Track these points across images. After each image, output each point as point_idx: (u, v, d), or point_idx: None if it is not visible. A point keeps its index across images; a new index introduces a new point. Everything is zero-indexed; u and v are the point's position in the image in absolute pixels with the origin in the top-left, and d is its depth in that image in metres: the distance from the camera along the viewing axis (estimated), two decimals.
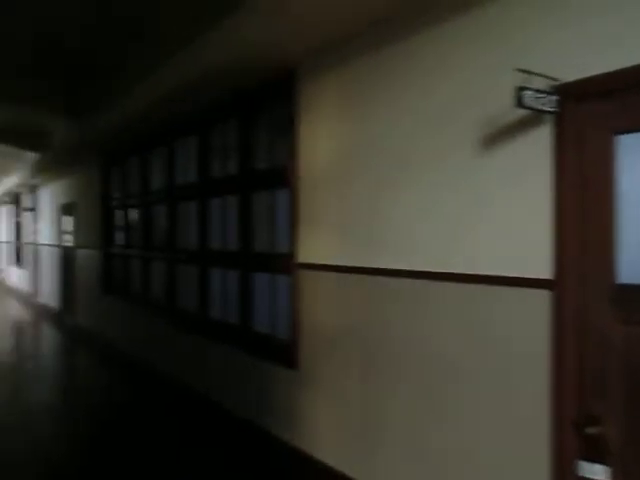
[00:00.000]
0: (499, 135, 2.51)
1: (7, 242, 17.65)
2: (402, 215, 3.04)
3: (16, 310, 13.02)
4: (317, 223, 3.74)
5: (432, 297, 2.86)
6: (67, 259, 10.31)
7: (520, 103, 2.21)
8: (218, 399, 4.94)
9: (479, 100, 2.61)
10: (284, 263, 4.07)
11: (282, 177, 4.10)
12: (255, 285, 4.64)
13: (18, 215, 15.74)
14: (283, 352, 4.07)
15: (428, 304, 2.88)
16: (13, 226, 16.36)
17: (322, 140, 3.69)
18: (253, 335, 4.60)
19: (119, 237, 7.95)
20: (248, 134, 4.62)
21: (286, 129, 4.04)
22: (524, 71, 2.26)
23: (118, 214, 7.93)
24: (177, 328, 5.80)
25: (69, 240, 10.21)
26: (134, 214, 7.31)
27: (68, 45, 4.82)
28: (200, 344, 5.30)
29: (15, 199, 15.74)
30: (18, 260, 15.62)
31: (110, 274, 8.15)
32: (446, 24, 2.78)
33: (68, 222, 10.27)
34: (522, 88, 2.21)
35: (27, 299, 13.70)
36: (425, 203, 2.90)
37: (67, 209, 10.32)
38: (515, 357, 2.45)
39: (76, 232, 9.74)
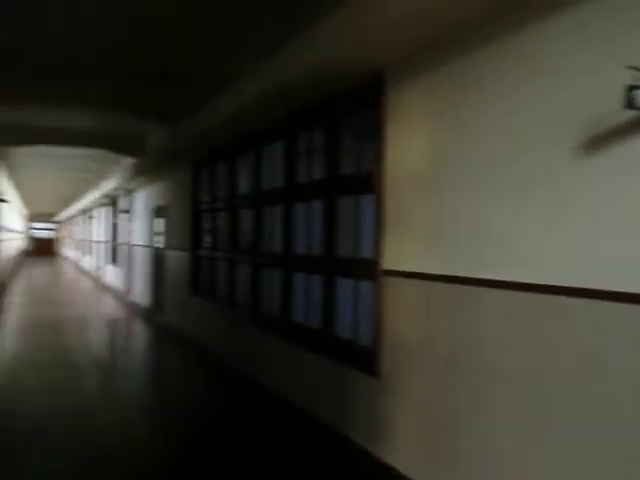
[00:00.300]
0: (605, 138, 2.33)
1: (105, 242, 18.72)
2: (495, 223, 2.91)
3: (111, 307, 13.74)
4: (403, 229, 3.66)
5: (532, 310, 2.71)
6: (158, 260, 10.76)
7: (630, 104, 2.05)
8: (300, 403, 4.95)
9: (581, 102, 2.44)
10: (368, 269, 4.02)
11: (368, 182, 4.05)
12: (338, 290, 4.62)
13: (115, 217, 16.66)
14: (365, 359, 4.01)
15: (524, 317, 2.73)
16: (110, 227, 17.34)
17: (411, 144, 3.61)
18: (335, 340, 4.57)
19: (207, 240, 8.20)
20: (334, 139, 4.61)
21: (373, 134, 3.99)
22: (636, 69, 2.08)
23: (206, 217, 8.18)
24: (260, 331, 5.88)
25: (160, 241, 10.66)
26: (221, 217, 7.51)
27: (164, 52, 5.01)
28: (283, 347, 5.34)
29: (112, 201, 16.67)
30: (114, 259, 16.52)
31: (198, 276, 8.42)
32: (541, 24, 2.62)
33: (159, 224, 10.73)
34: (632, 87, 2.05)
35: (121, 297, 14.44)
36: (522, 210, 2.76)
37: (159, 212, 10.78)
38: (625, 381, 2.27)
39: (167, 234, 10.15)
